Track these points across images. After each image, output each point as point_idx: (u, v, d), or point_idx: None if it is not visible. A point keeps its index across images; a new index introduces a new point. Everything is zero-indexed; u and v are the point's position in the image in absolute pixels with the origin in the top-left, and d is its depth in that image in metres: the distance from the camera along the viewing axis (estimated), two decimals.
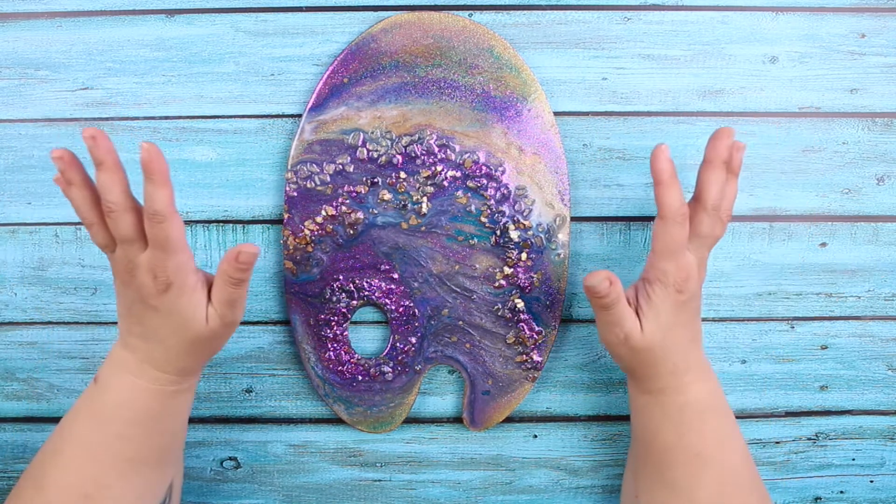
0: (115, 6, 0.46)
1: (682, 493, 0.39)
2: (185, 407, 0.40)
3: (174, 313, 0.36)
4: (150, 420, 0.38)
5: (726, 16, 0.47)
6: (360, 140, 0.45)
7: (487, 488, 0.50)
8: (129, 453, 0.38)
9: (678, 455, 0.39)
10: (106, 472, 0.37)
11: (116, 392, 0.37)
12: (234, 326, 0.38)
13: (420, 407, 0.49)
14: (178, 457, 0.42)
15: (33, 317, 0.48)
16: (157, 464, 0.39)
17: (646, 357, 0.38)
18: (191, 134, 0.47)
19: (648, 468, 0.41)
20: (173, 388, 0.38)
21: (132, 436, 0.37)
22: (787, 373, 0.49)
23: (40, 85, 0.47)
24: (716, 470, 0.39)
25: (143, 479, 0.38)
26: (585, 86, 0.47)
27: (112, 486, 0.37)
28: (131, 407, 0.37)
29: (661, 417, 0.39)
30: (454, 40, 0.45)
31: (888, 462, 0.50)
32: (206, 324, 0.37)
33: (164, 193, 0.34)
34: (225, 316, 0.37)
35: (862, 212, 0.48)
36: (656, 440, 0.40)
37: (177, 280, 0.35)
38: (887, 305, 0.48)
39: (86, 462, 0.37)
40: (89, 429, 0.38)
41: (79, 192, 0.36)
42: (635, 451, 0.43)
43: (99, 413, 0.38)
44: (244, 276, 0.36)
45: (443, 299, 0.46)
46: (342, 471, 0.49)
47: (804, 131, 0.47)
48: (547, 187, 0.46)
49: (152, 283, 0.36)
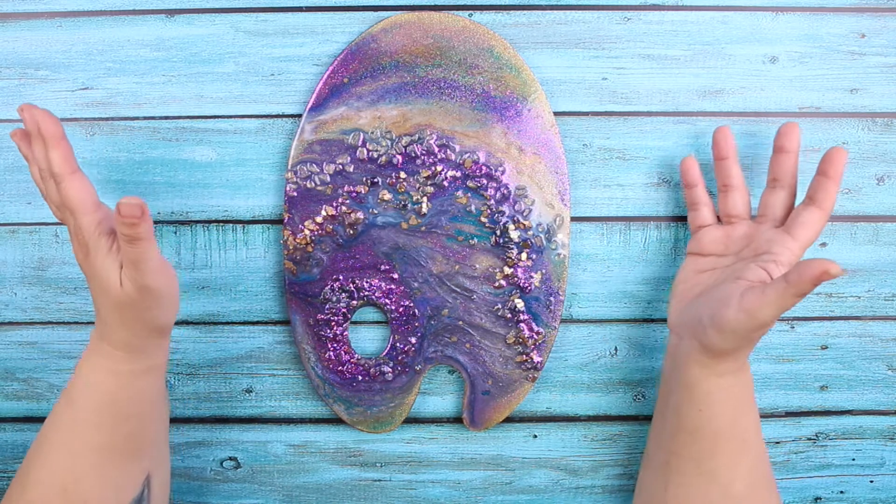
0: (115, 6, 0.46)
1: (720, 481, 0.39)
2: (149, 394, 0.40)
3: (96, 277, 0.36)
4: (113, 405, 0.38)
5: (726, 16, 0.47)
6: (360, 140, 0.45)
7: (487, 488, 0.50)
8: (100, 440, 0.38)
9: (726, 442, 0.39)
10: (80, 463, 0.38)
11: (84, 374, 0.38)
12: (153, 293, 0.36)
13: (420, 407, 0.49)
14: (157, 450, 0.41)
15: (33, 317, 0.48)
16: (132, 454, 0.39)
17: (759, 336, 0.37)
18: (191, 134, 0.47)
19: (686, 460, 0.40)
20: (127, 368, 0.38)
21: (101, 423, 0.38)
22: (787, 373, 0.49)
23: (40, 85, 0.47)
24: (752, 457, 0.39)
25: (118, 469, 0.39)
26: (585, 86, 0.47)
27: (86, 478, 0.38)
28: (96, 389, 0.38)
29: (724, 400, 0.39)
30: (454, 40, 0.45)
31: (888, 462, 0.50)
32: (120, 288, 0.36)
33: (57, 154, 0.35)
34: (134, 279, 0.35)
35: (862, 212, 0.48)
36: (709, 426, 0.39)
37: (91, 241, 0.36)
38: (887, 305, 0.48)
39: (62, 454, 0.38)
40: (64, 417, 0.38)
41: (31, 167, 0.39)
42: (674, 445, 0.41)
43: (72, 399, 0.38)
44: (133, 231, 0.33)
45: (443, 299, 0.46)
46: (342, 471, 0.49)
47: (804, 131, 0.47)
48: (547, 187, 0.46)
49: (78, 248, 0.37)
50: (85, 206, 0.36)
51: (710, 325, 0.38)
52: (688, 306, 0.41)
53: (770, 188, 0.42)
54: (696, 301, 0.40)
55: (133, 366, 0.38)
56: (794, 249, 0.39)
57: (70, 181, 0.35)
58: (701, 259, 0.43)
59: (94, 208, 0.36)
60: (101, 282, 0.36)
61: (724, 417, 0.39)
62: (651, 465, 0.43)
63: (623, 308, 0.48)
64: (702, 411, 0.39)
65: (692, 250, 0.44)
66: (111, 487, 0.39)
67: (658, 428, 0.43)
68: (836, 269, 0.32)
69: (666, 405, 0.42)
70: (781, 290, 0.34)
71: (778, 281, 0.35)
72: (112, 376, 0.38)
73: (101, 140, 0.47)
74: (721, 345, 0.38)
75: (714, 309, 0.38)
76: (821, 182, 0.39)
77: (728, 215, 0.43)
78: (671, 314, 0.43)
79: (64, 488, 0.37)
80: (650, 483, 0.43)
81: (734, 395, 0.39)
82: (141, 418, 0.39)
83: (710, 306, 0.38)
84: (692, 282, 0.43)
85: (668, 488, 0.41)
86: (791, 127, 0.41)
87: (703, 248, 0.43)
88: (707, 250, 0.43)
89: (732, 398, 0.39)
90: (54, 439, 0.38)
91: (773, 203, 0.42)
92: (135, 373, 0.39)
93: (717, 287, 0.40)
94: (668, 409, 0.42)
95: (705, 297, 0.40)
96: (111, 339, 0.38)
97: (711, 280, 0.42)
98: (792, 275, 0.34)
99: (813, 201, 0.39)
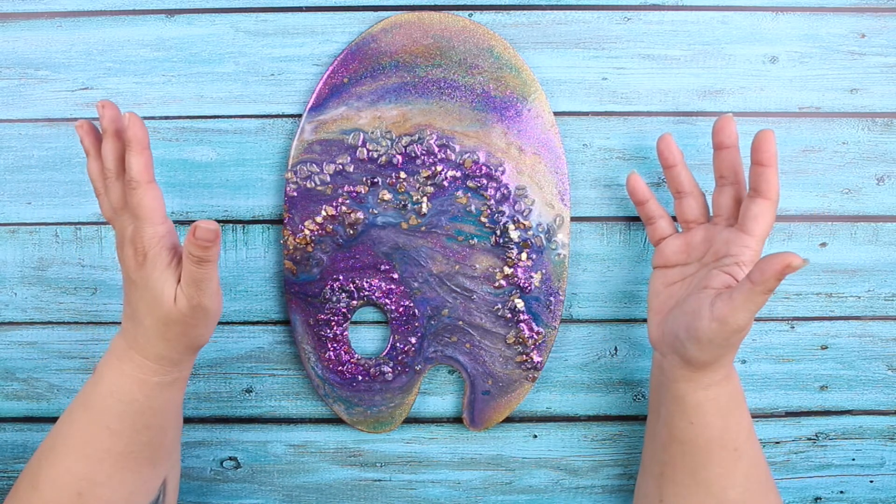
0: (115, 6, 0.46)
1: (714, 490, 0.39)
2: (172, 405, 0.40)
3: (148, 289, 0.36)
4: (136, 414, 0.38)
5: (726, 16, 0.47)
6: (360, 140, 0.45)
7: (487, 488, 0.50)
8: (119, 448, 0.38)
9: (718, 451, 0.39)
10: (97, 469, 0.37)
11: (107, 382, 0.38)
12: (206, 314, 0.37)
13: (420, 407, 0.49)
14: (173, 455, 0.41)
15: (33, 317, 0.48)
16: (149, 461, 0.39)
17: (738, 339, 0.37)
18: (191, 134, 0.47)
19: (680, 471, 0.40)
20: (156, 380, 0.38)
21: (121, 430, 0.38)
22: (787, 373, 0.49)
23: (40, 85, 0.47)
24: (746, 463, 0.39)
25: (135, 475, 0.38)
26: (585, 86, 0.47)
27: (104, 484, 0.37)
28: (120, 398, 0.38)
29: (714, 411, 0.39)
30: (454, 40, 0.45)
31: (888, 462, 0.50)
32: (174, 303, 0.36)
33: (139, 160, 0.35)
34: (192, 297, 0.36)
35: (862, 212, 0.48)
36: (701, 436, 0.39)
37: (151, 252, 0.36)
38: (887, 305, 0.48)
39: (78, 458, 0.37)
40: (81, 422, 0.38)
41: (91, 162, 0.38)
42: (666, 456, 0.41)
43: (91, 405, 0.38)
44: (205, 254, 0.35)
45: (443, 299, 0.46)
46: (342, 471, 0.49)
47: (804, 131, 0.47)
48: (547, 187, 0.46)
49: (133, 255, 0.36)
50: (154, 217, 0.36)
51: (687, 339, 0.38)
52: (664, 321, 0.41)
53: (719, 187, 0.41)
54: (671, 316, 0.40)
55: (163, 378, 0.38)
56: (752, 246, 0.39)
57: (146, 190, 0.36)
58: (668, 271, 0.43)
59: (162, 220, 0.36)
60: (153, 294, 0.36)
61: (714, 428, 0.39)
62: (646, 475, 0.44)
63: (623, 308, 0.48)
64: (692, 423, 0.39)
65: (657, 264, 0.43)
66: (128, 493, 0.38)
67: (651, 438, 0.43)
68: (798, 260, 0.32)
69: (657, 417, 0.42)
70: (747, 292, 0.34)
71: (742, 283, 0.35)
72: (139, 386, 0.38)
73: None
74: (701, 357, 0.38)
75: (688, 322, 0.38)
76: (759, 172, 0.38)
77: (686, 221, 0.43)
78: (651, 331, 0.43)
79: (79, 493, 0.37)
80: (646, 492, 0.43)
81: (723, 405, 0.39)
82: (162, 427, 0.39)
83: (684, 320, 0.38)
84: (664, 295, 0.42)
85: (663, 498, 0.41)
86: (726, 121, 0.40)
87: (667, 260, 0.43)
88: (672, 261, 0.43)
89: (721, 408, 0.39)
90: (70, 443, 0.38)
91: (723, 202, 0.41)
92: (162, 385, 0.38)
93: (686, 300, 0.39)
94: (658, 422, 0.42)
95: (678, 310, 0.40)
96: (145, 350, 0.38)
97: (682, 291, 0.41)
98: (755, 274, 0.34)
99: (757, 193, 0.38)
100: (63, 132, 0.47)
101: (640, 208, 0.44)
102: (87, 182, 0.47)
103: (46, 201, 0.47)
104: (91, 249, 0.48)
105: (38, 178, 0.47)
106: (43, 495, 0.37)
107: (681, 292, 0.41)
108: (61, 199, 0.47)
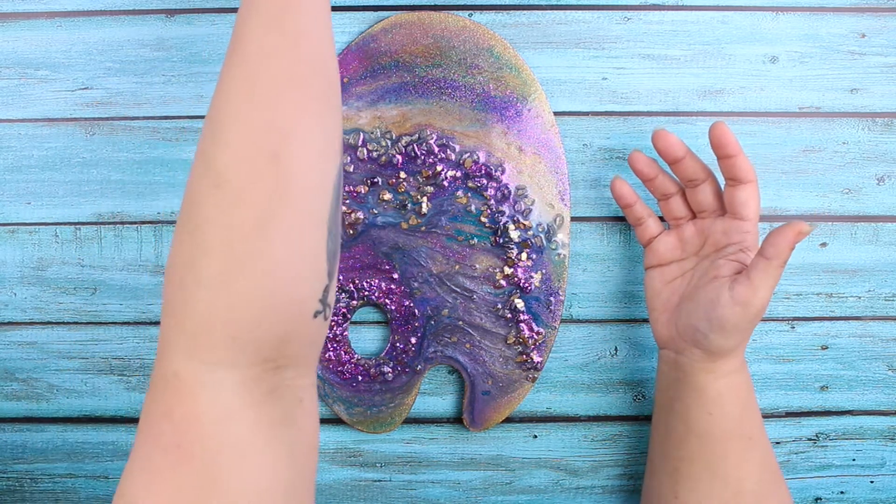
0: (115, 6, 0.46)
1: (731, 481, 0.40)
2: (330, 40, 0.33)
3: None
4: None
5: (726, 16, 0.47)
6: (360, 140, 0.45)
7: (487, 488, 0.50)
8: (311, 89, 0.30)
9: (735, 442, 0.40)
10: (289, 117, 0.30)
11: (307, 7, 0.31)
12: None
13: (420, 407, 0.49)
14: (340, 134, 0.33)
15: (33, 317, 0.48)
16: (332, 109, 0.32)
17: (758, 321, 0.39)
18: (191, 134, 0.47)
19: (697, 465, 0.40)
20: None
21: (313, 67, 0.31)
22: (787, 373, 0.49)
23: (40, 85, 0.47)
24: (759, 453, 0.40)
25: (322, 128, 0.31)
26: (585, 86, 0.47)
27: (296, 137, 0.30)
28: (316, 19, 0.31)
29: (733, 399, 0.40)
30: (454, 40, 0.45)
31: (888, 462, 0.50)
32: None
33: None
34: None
35: (862, 212, 0.48)
36: (718, 427, 0.40)
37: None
38: (887, 305, 0.48)
39: (269, 106, 0.29)
40: (279, 50, 0.30)
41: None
42: (682, 451, 0.41)
43: (287, 30, 0.30)
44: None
45: (443, 299, 0.46)
46: (342, 471, 0.49)
47: (804, 131, 0.47)
48: (547, 187, 0.46)
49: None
50: None
51: (710, 329, 0.38)
52: (673, 319, 0.42)
53: (692, 188, 0.41)
54: (683, 311, 0.41)
55: None
56: (750, 230, 0.40)
57: None
58: (665, 269, 0.43)
59: None
60: None
61: (732, 417, 0.40)
62: (657, 473, 0.43)
63: (623, 308, 0.48)
64: (711, 414, 0.40)
65: (651, 263, 0.44)
66: (317, 152, 0.30)
67: (661, 437, 0.43)
68: (806, 227, 0.35)
69: (668, 415, 0.42)
70: (764, 268, 0.37)
71: (757, 262, 0.37)
72: None
73: (101, 140, 0.47)
74: (726, 344, 0.39)
75: (707, 313, 0.39)
76: (731, 163, 0.39)
77: (674, 218, 0.43)
78: (658, 331, 0.43)
79: (275, 154, 0.29)
80: (658, 490, 0.43)
81: (741, 394, 0.40)
82: (326, 64, 0.32)
83: (702, 313, 0.39)
84: (666, 292, 0.43)
85: (679, 495, 0.41)
86: (666, 140, 0.40)
87: (662, 258, 0.43)
88: (667, 258, 0.43)
89: (739, 397, 0.40)
90: (263, 85, 0.29)
91: (702, 199, 0.41)
92: None
93: (697, 292, 0.40)
94: (672, 418, 0.42)
95: (691, 304, 0.40)
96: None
97: (684, 286, 0.42)
98: (768, 250, 0.36)
99: (737, 180, 0.39)
100: (63, 132, 0.47)
101: (628, 211, 0.44)
102: (87, 182, 0.47)
103: (46, 201, 0.47)
104: (91, 249, 0.48)
105: (37, 178, 0.47)
106: (232, 151, 0.29)
107: (683, 287, 0.42)
108: (61, 199, 0.47)
